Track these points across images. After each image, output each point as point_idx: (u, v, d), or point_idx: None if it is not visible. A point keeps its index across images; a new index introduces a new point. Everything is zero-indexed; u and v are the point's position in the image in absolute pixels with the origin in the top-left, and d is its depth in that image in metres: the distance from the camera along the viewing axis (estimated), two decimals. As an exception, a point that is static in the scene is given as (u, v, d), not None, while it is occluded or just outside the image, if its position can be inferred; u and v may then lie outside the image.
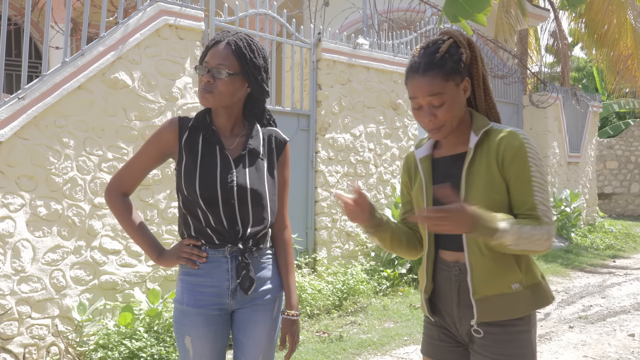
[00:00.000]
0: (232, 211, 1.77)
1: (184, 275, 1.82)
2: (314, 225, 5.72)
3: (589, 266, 7.71)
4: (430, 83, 1.55)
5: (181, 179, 1.79)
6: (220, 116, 1.83)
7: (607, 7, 10.08)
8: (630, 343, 4.34)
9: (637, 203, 14.55)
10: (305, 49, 5.73)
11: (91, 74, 3.93)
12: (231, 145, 1.82)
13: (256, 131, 1.86)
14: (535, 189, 1.53)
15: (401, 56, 6.56)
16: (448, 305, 1.67)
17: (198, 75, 1.80)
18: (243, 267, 1.77)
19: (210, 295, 1.78)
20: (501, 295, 1.57)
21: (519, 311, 1.58)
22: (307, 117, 5.71)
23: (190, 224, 1.80)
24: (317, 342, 4.24)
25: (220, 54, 1.76)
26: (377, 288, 5.51)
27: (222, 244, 1.77)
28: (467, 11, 4.28)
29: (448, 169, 1.66)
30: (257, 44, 1.81)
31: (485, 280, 1.57)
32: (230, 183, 1.76)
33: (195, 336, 1.78)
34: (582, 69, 20.82)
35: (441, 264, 1.67)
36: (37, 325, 3.65)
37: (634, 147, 14.60)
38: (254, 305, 1.82)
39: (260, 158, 1.83)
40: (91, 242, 3.93)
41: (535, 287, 1.61)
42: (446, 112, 1.57)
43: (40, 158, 3.70)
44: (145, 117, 4.23)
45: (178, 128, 1.81)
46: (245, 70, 1.77)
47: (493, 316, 1.58)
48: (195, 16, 4.53)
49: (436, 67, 1.55)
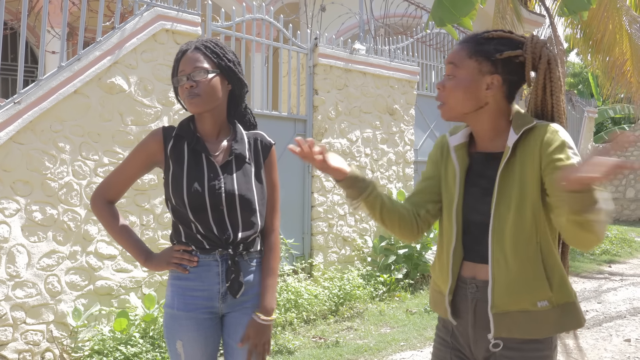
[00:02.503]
0: (222, 217, 1.78)
1: (175, 279, 1.82)
2: (310, 230, 5.71)
3: (584, 271, 7.72)
4: (456, 51, 1.52)
5: (169, 188, 1.79)
6: (205, 122, 1.83)
7: (603, 13, 10.13)
8: (627, 348, 4.34)
9: (633, 208, 14.60)
10: (302, 54, 5.74)
11: (87, 78, 3.92)
12: (217, 151, 1.83)
13: (241, 135, 1.87)
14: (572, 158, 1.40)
15: (398, 61, 6.57)
16: (463, 325, 1.56)
17: (177, 87, 1.80)
18: (233, 271, 1.78)
19: (201, 299, 1.79)
20: (524, 312, 1.45)
21: (542, 332, 1.45)
22: (303, 122, 5.71)
23: (180, 231, 1.81)
24: (313, 348, 4.23)
25: (193, 58, 1.77)
26: (373, 293, 5.50)
27: (212, 249, 1.78)
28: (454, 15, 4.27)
29: (481, 168, 1.53)
30: (223, 43, 1.85)
31: (508, 295, 1.45)
32: (218, 190, 1.77)
33: (187, 340, 1.78)
34: (578, 75, 20.92)
35: (458, 280, 1.57)
36: (32, 330, 3.63)
37: (629, 152, 14.66)
38: (243, 308, 1.82)
39: (247, 162, 1.84)
40: (87, 247, 3.91)
41: (567, 307, 1.47)
42: (452, 87, 1.50)
43: (36, 163, 3.69)
44: (142, 122, 4.22)
45: (162, 138, 1.82)
46: (222, 66, 1.80)
47: (511, 332, 1.46)
48: (192, 21, 4.53)
49: (472, 42, 1.51)
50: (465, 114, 1.53)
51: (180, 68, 1.78)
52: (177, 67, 1.80)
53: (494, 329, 1.47)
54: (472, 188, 1.53)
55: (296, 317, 4.68)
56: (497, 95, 1.51)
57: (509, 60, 1.49)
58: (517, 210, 1.43)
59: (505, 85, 1.50)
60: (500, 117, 1.53)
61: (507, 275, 1.45)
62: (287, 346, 4.14)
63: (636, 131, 14.68)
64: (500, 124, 1.53)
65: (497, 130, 1.53)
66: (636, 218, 14.43)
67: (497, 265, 1.46)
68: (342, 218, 5.97)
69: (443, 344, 1.63)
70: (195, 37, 4.58)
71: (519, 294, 1.44)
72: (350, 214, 6.06)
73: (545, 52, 1.49)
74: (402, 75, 6.61)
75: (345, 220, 6.00)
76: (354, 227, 6.08)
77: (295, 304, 4.74)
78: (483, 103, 1.51)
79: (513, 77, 1.51)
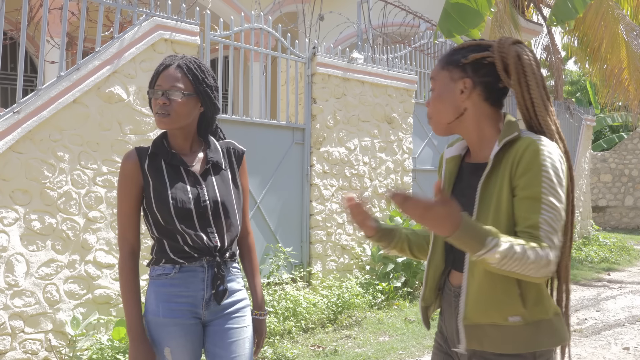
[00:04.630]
0: (208, 224, 1.82)
1: (158, 286, 1.83)
2: (309, 238, 5.71)
3: (583, 279, 7.72)
4: (435, 67, 1.58)
5: (152, 204, 1.80)
6: (177, 137, 1.87)
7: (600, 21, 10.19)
8: (625, 356, 4.33)
9: (631, 216, 14.60)
10: (300, 63, 5.77)
11: (86, 88, 3.94)
12: (193, 162, 1.87)
13: (214, 145, 1.92)
14: (544, 207, 1.35)
15: (395, 70, 6.61)
16: (450, 332, 1.58)
17: (152, 99, 1.83)
18: (218, 278, 1.82)
19: (186, 305, 1.81)
20: (495, 326, 1.43)
21: (514, 347, 1.42)
22: (302, 130, 5.73)
23: (166, 248, 1.82)
24: (311, 357, 4.22)
25: (172, 76, 1.80)
26: (372, 302, 5.50)
27: (200, 257, 1.81)
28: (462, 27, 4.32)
29: (469, 178, 1.55)
30: (206, 66, 1.89)
31: (479, 307, 1.44)
32: (203, 197, 1.81)
33: (175, 346, 1.78)
34: (576, 83, 20.98)
35: (446, 287, 1.59)
36: (30, 340, 3.63)
37: (628, 160, 14.69)
38: (225, 315, 1.85)
39: (223, 170, 1.90)
40: (85, 256, 3.92)
41: (541, 323, 1.44)
42: (433, 100, 1.56)
43: (34, 172, 3.70)
44: (141, 131, 4.24)
45: (137, 158, 1.83)
46: (199, 90, 1.82)
47: (482, 345, 1.45)
48: (190, 31, 4.56)
49: (445, 55, 1.57)
50: (449, 123, 1.55)
51: (159, 82, 1.81)
52: (155, 79, 1.83)
53: (466, 341, 1.47)
54: (461, 198, 1.54)
55: (295, 325, 4.67)
56: (474, 99, 1.52)
57: (478, 62, 1.51)
58: (493, 223, 1.42)
59: (479, 88, 1.51)
60: (484, 122, 1.53)
61: (480, 286, 1.44)
62: (286, 355, 4.14)
63: (633, 139, 14.74)
64: (487, 132, 1.53)
65: (485, 139, 1.53)
66: (635, 226, 14.44)
67: (471, 276, 1.46)
68: (341, 226, 5.98)
69: (438, 348, 1.65)
70: (194, 46, 4.61)
71: (490, 306, 1.43)
72: (349, 222, 6.06)
73: (513, 48, 1.49)
74: (400, 84, 6.64)
75: (344, 228, 6.01)
76: (352, 235, 6.09)
77: (293, 312, 4.73)
78: (462, 109, 1.52)
79: (486, 78, 1.51)
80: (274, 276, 5.18)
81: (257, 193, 5.31)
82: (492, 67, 1.51)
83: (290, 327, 4.61)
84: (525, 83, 1.49)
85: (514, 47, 1.49)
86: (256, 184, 5.30)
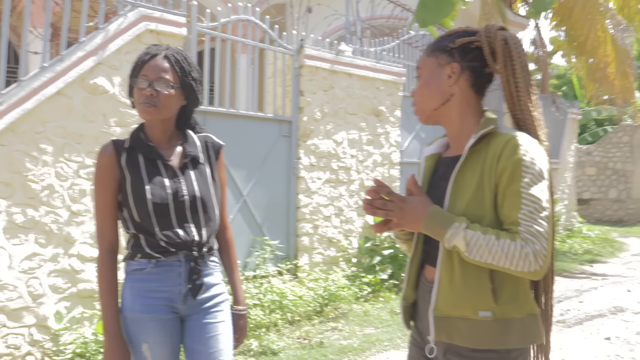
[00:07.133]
0: (185, 219, 1.80)
1: (134, 281, 1.80)
2: (295, 231, 5.72)
3: (566, 271, 7.82)
4: (421, 56, 1.59)
5: (129, 199, 1.78)
6: (155, 130, 1.85)
7: (587, 16, 10.24)
8: (607, 346, 4.40)
9: (615, 208, 14.79)
10: (287, 55, 5.74)
11: (70, 79, 3.89)
12: (171, 156, 1.85)
13: (192, 139, 1.90)
14: (523, 202, 1.37)
15: (383, 63, 6.60)
16: (424, 326, 1.56)
17: (134, 87, 1.80)
18: (195, 272, 1.79)
19: (163, 301, 1.78)
20: (464, 319, 1.43)
21: (482, 342, 1.42)
22: (289, 123, 5.71)
23: (141, 244, 1.79)
24: (297, 349, 4.23)
25: (159, 67, 1.78)
26: (358, 294, 5.52)
27: (177, 251, 1.79)
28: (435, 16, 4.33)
29: (445, 171, 1.55)
30: (191, 58, 1.87)
31: (450, 299, 1.44)
32: (181, 192, 1.79)
33: (153, 342, 1.76)
34: (562, 76, 21.13)
35: (421, 281, 1.60)
36: (13, 334, 3.60)
37: (612, 153, 14.85)
38: (203, 310, 1.83)
39: (201, 164, 1.88)
40: (69, 250, 3.89)
41: (512, 322, 1.42)
42: (419, 87, 1.56)
43: (17, 164, 3.66)
44: (125, 123, 4.20)
45: (114, 151, 1.81)
46: (185, 83, 1.81)
47: (451, 338, 1.45)
48: (176, 22, 4.52)
49: (432, 43, 1.58)
50: (435, 110, 1.55)
51: (144, 72, 1.78)
52: (139, 69, 1.80)
53: (434, 332, 1.47)
54: (435, 190, 1.55)
55: (281, 318, 4.68)
56: (462, 84, 1.53)
57: (466, 47, 1.52)
58: (471, 216, 1.42)
59: (467, 72, 1.52)
60: (467, 111, 1.54)
61: (452, 279, 1.44)
62: (272, 347, 4.15)
63: (618, 132, 14.89)
64: (469, 121, 1.53)
65: (465, 130, 1.53)
66: (618, 218, 14.63)
67: (444, 268, 1.46)
68: (327, 219, 5.99)
69: (414, 343, 1.65)
70: (181, 37, 4.57)
71: (461, 299, 1.43)
72: (336, 215, 6.07)
73: (499, 33, 1.51)
74: (388, 76, 6.64)
75: (331, 221, 6.02)
76: (339, 228, 6.10)
77: (279, 305, 4.74)
78: (449, 95, 1.53)
79: (473, 63, 1.52)
80: (260, 269, 5.18)
81: (244, 186, 5.29)
82: (479, 51, 1.52)
83: (276, 319, 4.62)
84: (511, 67, 1.51)
85: (500, 32, 1.52)
86: (243, 177, 5.28)
